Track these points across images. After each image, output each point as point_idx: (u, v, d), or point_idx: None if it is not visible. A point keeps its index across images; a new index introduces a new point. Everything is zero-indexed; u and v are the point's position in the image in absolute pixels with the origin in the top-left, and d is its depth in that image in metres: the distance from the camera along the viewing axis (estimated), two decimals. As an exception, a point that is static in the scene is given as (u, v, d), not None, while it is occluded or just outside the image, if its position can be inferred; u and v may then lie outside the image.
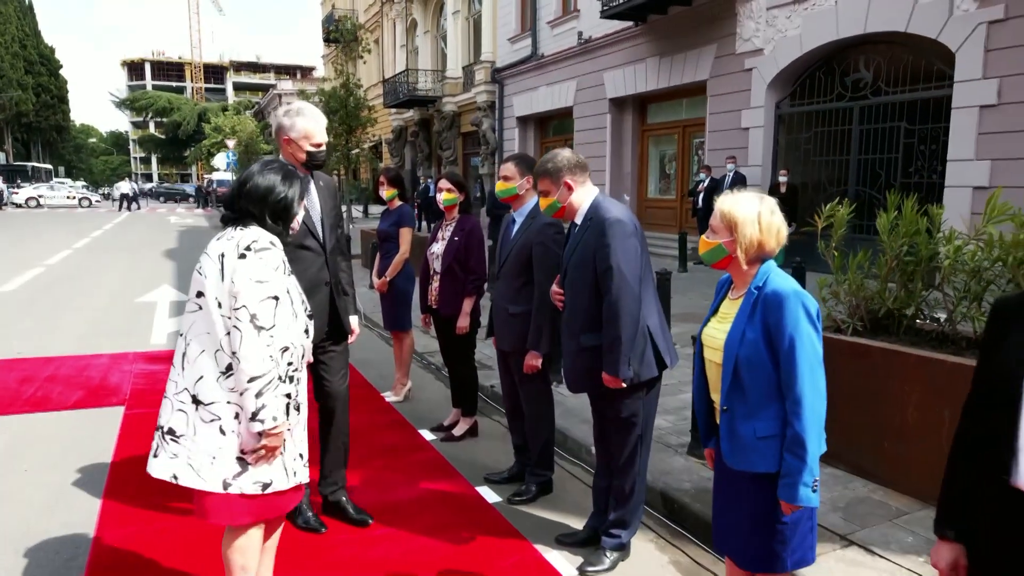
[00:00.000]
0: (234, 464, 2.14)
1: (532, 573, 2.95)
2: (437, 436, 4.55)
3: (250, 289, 2.10)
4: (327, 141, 3.15)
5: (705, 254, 2.17)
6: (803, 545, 2.10)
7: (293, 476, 2.28)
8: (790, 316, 1.97)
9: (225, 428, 2.13)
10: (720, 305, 2.21)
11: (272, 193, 2.26)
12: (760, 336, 2.02)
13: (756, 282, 2.07)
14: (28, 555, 3.02)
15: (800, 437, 1.95)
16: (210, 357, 2.14)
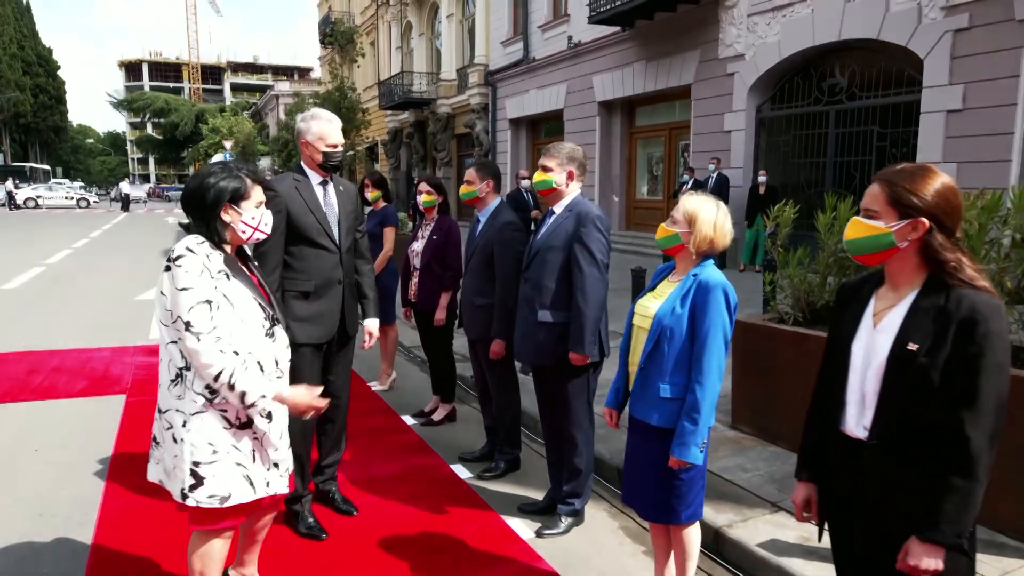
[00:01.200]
0: (188, 476, 2.13)
1: (495, 536, 3.29)
2: (418, 421, 4.89)
3: (178, 299, 2.07)
4: (343, 142, 3.27)
5: (662, 239, 2.53)
6: (695, 502, 2.46)
7: (266, 487, 2.25)
8: (714, 303, 2.34)
9: (177, 436, 2.15)
10: (658, 285, 2.56)
11: (199, 188, 2.20)
12: (686, 314, 2.38)
13: (695, 271, 2.43)
14: (43, 520, 3.36)
15: (698, 404, 2.32)
16: (164, 367, 2.19)
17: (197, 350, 2.06)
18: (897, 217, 1.63)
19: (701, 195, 2.47)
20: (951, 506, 1.55)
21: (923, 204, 1.61)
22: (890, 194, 1.64)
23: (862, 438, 1.70)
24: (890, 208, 1.64)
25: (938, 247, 1.62)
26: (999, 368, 1.54)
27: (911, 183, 1.63)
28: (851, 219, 1.72)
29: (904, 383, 1.61)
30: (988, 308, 1.55)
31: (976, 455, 1.53)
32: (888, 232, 1.63)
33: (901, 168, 1.68)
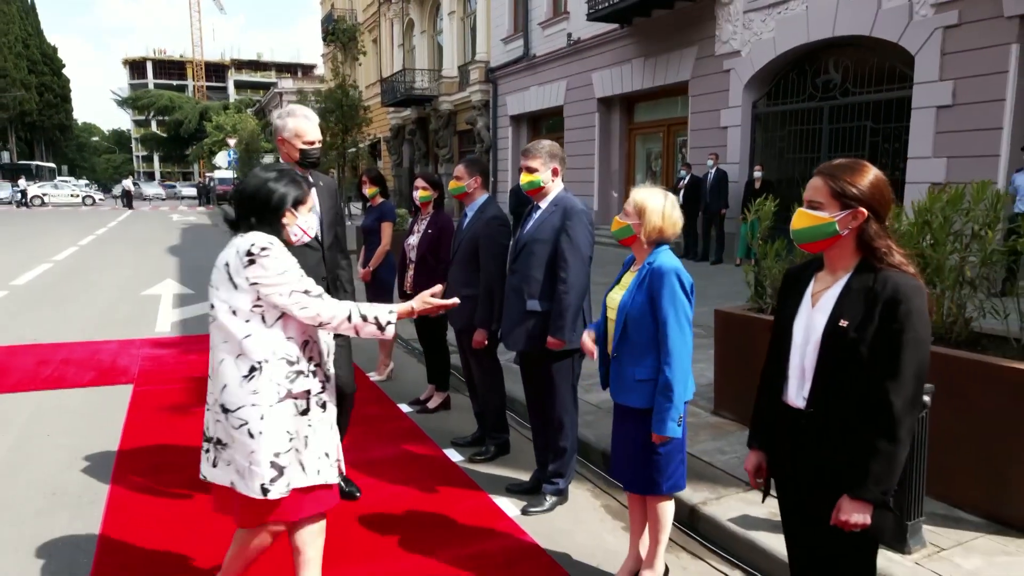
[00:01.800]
0: (268, 469, 2.16)
1: (483, 514, 3.48)
2: (414, 409, 5.08)
3: (283, 280, 2.15)
4: (320, 139, 3.25)
5: (616, 231, 2.70)
6: (675, 474, 2.63)
7: (316, 474, 2.27)
8: (668, 287, 2.51)
9: (253, 431, 2.16)
10: (622, 277, 2.73)
11: (259, 191, 2.25)
12: (646, 300, 2.56)
13: (649, 259, 2.60)
14: (56, 499, 3.55)
15: (669, 382, 2.49)
16: (232, 364, 2.18)
17: (321, 310, 2.19)
18: (839, 208, 1.80)
19: (650, 187, 2.65)
20: (877, 467, 1.72)
21: (861, 195, 1.78)
22: (832, 187, 1.81)
23: (801, 407, 1.87)
24: (832, 200, 1.81)
25: (873, 234, 1.79)
26: (919, 342, 1.70)
27: (850, 176, 1.79)
28: (797, 211, 1.89)
29: (836, 357, 1.78)
30: (910, 289, 1.72)
31: (898, 419, 1.70)
32: (832, 222, 1.80)
33: (839, 163, 1.84)
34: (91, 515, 3.38)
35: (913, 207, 3.57)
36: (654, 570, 2.75)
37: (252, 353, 2.16)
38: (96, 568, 2.91)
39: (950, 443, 3.16)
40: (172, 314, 8.46)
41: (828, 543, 1.87)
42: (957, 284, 3.34)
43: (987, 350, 3.26)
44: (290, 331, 2.23)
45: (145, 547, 3.07)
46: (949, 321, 3.39)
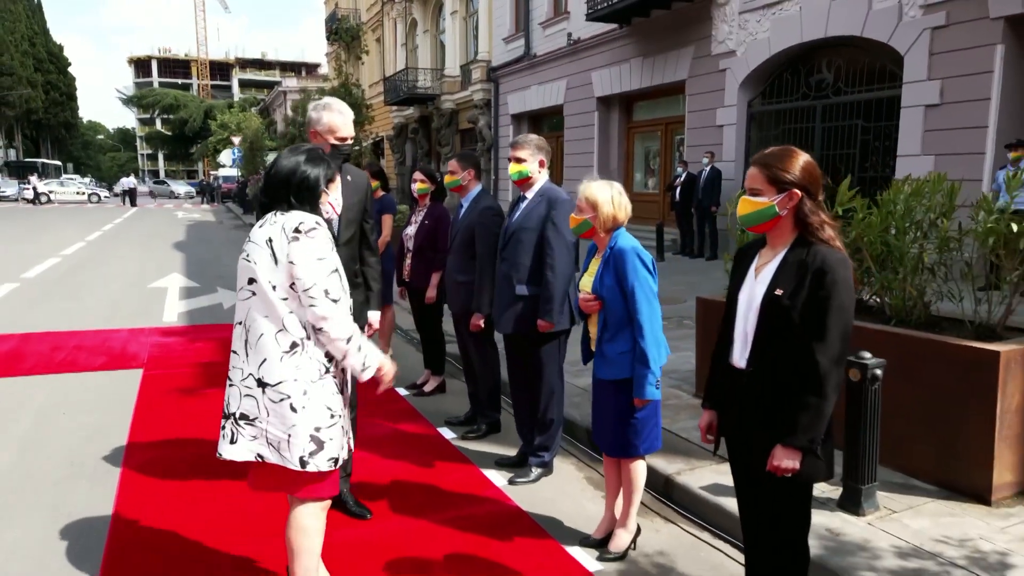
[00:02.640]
0: (308, 442, 2.18)
1: (473, 484, 3.72)
2: (410, 392, 5.32)
3: (315, 268, 2.15)
4: (352, 135, 3.23)
5: (576, 227, 2.95)
6: (651, 436, 2.87)
7: (341, 449, 2.33)
8: (630, 265, 2.75)
9: (296, 405, 2.18)
10: (590, 264, 2.97)
11: (295, 174, 2.26)
12: (614, 282, 2.80)
13: (610, 244, 2.85)
14: (74, 470, 3.80)
15: (644, 351, 2.73)
16: (272, 339, 2.18)
17: (332, 315, 2.16)
18: (776, 192, 2.03)
19: (596, 180, 2.89)
20: (805, 418, 1.95)
21: (794, 178, 2.01)
22: (767, 174, 2.04)
23: (743, 368, 2.11)
24: (769, 185, 2.04)
25: (807, 211, 2.02)
26: (843, 308, 1.94)
27: (782, 163, 2.03)
28: (741, 198, 2.13)
29: (773, 322, 2.01)
30: (836, 261, 1.96)
31: (824, 376, 1.93)
32: (772, 205, 2.04)
33: (771, 151, 2.08)
34: (107, 484, 3.62)
35: (879, 198, 3.80)
36: (627, 529, 2.99)
37: (294, 329, 2.18)
38: (112, 529, 3.16)
39: (907, 417, 3.39)
40: (178, 305, 8.71)
41: (767, 490, 2.10)
42: (916, 270, 3.57)
43: (944, 331, 3.48)
44: None
45: (157, 513, 3.31)
46: (909, 304, 3.62)
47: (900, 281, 3.63)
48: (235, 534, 3.10)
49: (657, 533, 3.21)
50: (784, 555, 2.18)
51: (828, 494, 3.25)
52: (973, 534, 2.87)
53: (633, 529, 3.00)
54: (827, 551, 2.78)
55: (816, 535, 2.90)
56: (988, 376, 3.07)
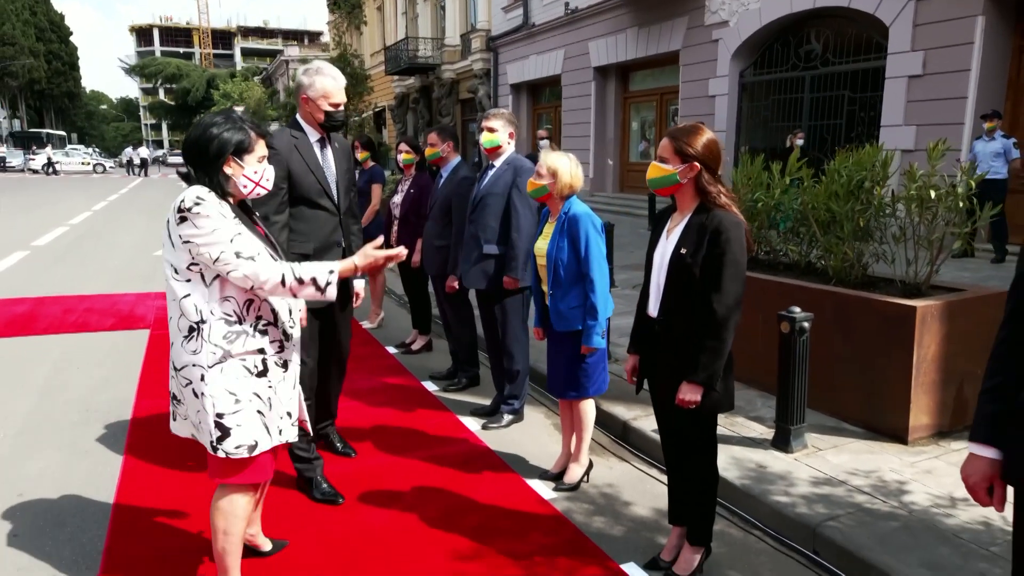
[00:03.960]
0: (214, 428, 2.12)
1: (449, 428, 4.10)
2: (399, 350, 5.69)
3: (213, 239, 2.04)
4: (345, 102, 3.11)
5: (533, 191, 3.27)
6: (599, 379, 3.23)
7: (279, 435, 2.26)
8: (583, 229, 3.08)
9: (197, 390, 2.11)
10: (543, 229, 3.31)
11: (201, 138, 2.14)
12: (567, 244, 3.13)
13: (564, 209, 3.18)
14: (89, 415, 4.20)
15: (594, 305, 3.07)
16: (175, 324, 2.14)
17: (256, 271, 2.07)
18: (680, 162, 2.36)
19: (556, 151, 3.21)
20: (705, 358, 2.30)
21: (696, 153, 2.33)
22: (675, 146, 2.37)
23: (655, 317, 2.45)
24: (675, 156, 2.37)
25: (705, 183, 2.35)
26: (735, 263, 2.27)
27: (688, 138, 2.35)
28: (651, 164, 2.45)
29: (678, 277, 2.35)
30: (730, 223, 2.29)
31: (720, 321, 2.27)
32: (674, 173, 2.36)
33: (682, 127, 2.40)
34: (119, 427, 4.02)
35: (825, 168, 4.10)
36: (580, 463, 3.36)
37: (190, 313, 2.09)
38: (125, 462, 3.55)
39: (841, 367, 3.74)
40: (183, 272, 9.08)
41: (679, 421, 2.46)
42: (854, 235, 3.89)
43: (878, 290, 3.81)
44: (229, 291, 2.12)
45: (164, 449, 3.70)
46: (847, 266, 3.95)
47: (840, 244, 3.95)
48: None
49: (611, 470, 3.58)
50: (696, 476, 2.54)
51: (764, 435, 3.62)
52: (884, 467, 3.23)
53: (585, 463, 3.38)
54: (751, 480, 3.15)
55: (745, 468, 3.28)
56: (907, 329, 3.41)
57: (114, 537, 2.86)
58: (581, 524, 3.01)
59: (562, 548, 2.81)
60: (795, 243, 4.45)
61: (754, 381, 4.29)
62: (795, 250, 4.41)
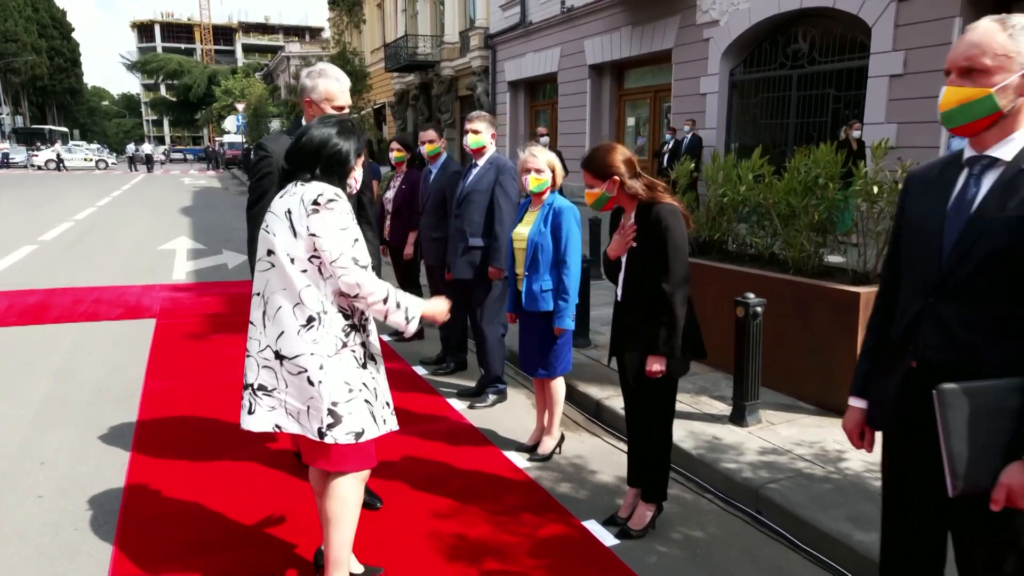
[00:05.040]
0: (326, 415, 2.18)
1: (436, 408, 4.41)
2: (392, 338, 6.01)
3: (339, 238, 2.13)
4: (349, 104, 3.13)
5: (535, 187, 3.56)
6: (566, 360, 3.54)
7: (383, 424, 2.34)
8: (566, 221, 3.41)
9: (312, 379, 2.17)
10: (524, 217, 3.62)
11: (326, 146, 2.23)
12: (548, 232, 3.44)
13: (548, 201, 3.49)
14: (101, 394, 4.52)
15: (567, 290, 3.39)
16: (289, 312, 2.17)
17: (363, 281, 2.15)
18: (602, 182, 2.71)
19: (544, 149, 3.52)
20: (663, 332, 2.61)
21: (609, 169, 2.68)
22: (592, 172, 2.73)
23: (621, 301, 2.77)
24: (596, 179, 2.73)
25: (629, 186, 2.69)
26: (677, 247, 2.59)
27: (597, 162, 2.72)
28: (585, 191, 2.77)
29: (634, 266, 2.67)
30: (667, 212, 2.61)
31: (670, 299, 2.59)
32: (603, 192, 2.72)
33: (589, 155, 2.77)
34: (130, 406, 4.34)
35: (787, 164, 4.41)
36: (552, 436, 3.68)
37: (310, 303, 2.16)
38: (136, 436, 3.87)
39: (797, 350, 4.05)
40: (187, 265, 9.41)
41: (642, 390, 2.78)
42: (810, 227, 4.19)
43: (832, 278, 4.11)
44: None
45: (172, 427, 4.03)
46: (804, 256, 4.25)
47: (798, 237, 4.25)
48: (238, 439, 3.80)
49: (582, 443, 3.89)
50: (653, 440, 2.86)
51: (723, 412, 3.93)
52: (828, 439, 3.54)
53: (557, 436, 3.69)
54: (705, 450, 3.46)
55: (702, 440, 3.60)
56: (853, 314, 3.72)
57: (129, 498, 3.18)
58: (550, 489, 3.33)
59: (531, 508, 3.13)
60: (759, 235, 4.75)
61: (721, 365, 4.59)
62: (759, 242, 4.71)
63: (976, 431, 1.47)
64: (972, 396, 1.47)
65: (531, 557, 2.75)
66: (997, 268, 1.50)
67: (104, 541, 2.84)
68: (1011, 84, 1.49)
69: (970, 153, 1.61)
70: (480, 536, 2.90)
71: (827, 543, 2.72)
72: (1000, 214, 1.50)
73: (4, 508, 3.10)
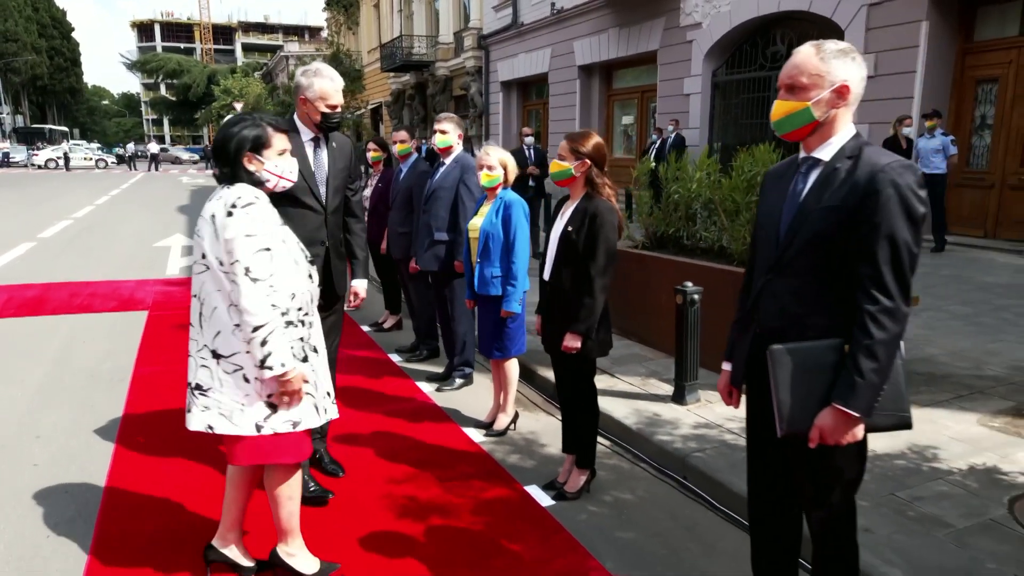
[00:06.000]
0: (263, 407, 2.23)
1: (406, 391, 4.73)
2: (372, 328, 6.33)
3: (242, 244, 2.14)
4: (343, 103, 3.16)
5: (487, 182, 3.87)
6: (519, 342, 3.86)
7: (324, 413, 2.40)
8: (516, 213, 3.72)
9: (248, 376, 2.23)
10: (479, 209, 3.94)
11: (227, 142, 2.27)
12: (500, 223, 3.76)
13: (501, 195, 3.81)
14: (93, 380, 4.85)
15: (515, 275, 3.71)
16: (224, 312, 2.21)
17: (249, 295, 2.14)
18: (574, 159, 2.98)
19: (497, 148, 3.83)
20: (583, 313, 2.93)
21: (586, 152, 2.96)
22: (570, 147, 2.99)
23: (547, 281, 3.09)
24: (571, 155, 2.99)
25: (594, 176, 2.97)
26: (607, 239, 2.91)
27: (580, 141, 2.98)
28: (553, 161, 3.06)
29: (565, 249, 2.99)
30: (605, 209, 2.92)
31: (594, 284, 2.90)
32: (569, 168, 2.99)
33: (576, 132, 3.03)
34: (119, 390, 4.65)
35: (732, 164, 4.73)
36: (506, 413, 4.00)
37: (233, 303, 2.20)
38: (124, 420, 4.19)
39: (736, 336, 4.36)
40: (180, 261, 9.73)
41: (566, 365, 3.10)
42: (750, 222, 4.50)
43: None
44: (279, 282, 2.24)
45: (159, 414, 4.35)
46: (746, 249, 4.56)
47: (742, 230, 4.57)
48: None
49: (537, 421, 4.21)
50: (582, 412, 3.18)
51: (668, 393, 4.25)
52: (758, 415, 3.86)
53: (511, 414, 4.01)
54: (644, 425, 3.79)
55: (643, 416, 3.92)
56: (784, 301, 4.03)
57: (115, 466, 3.50)
58: (500, 460, 3.65)
59: (480, 475, 3.45)
60: (710, 230, 5.07)
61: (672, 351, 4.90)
62: (708, 236, 5.03)
63: (798, 383, 1.79)
64: (795, 355, 1.80)
65: (473, 515, 3.07)
66: (816, 250, 1.82)
67: (93, 502, 3.16)
68: (823, 98, 1.82)
69: (803, 155, 1.93)
70: (430, 497, 3.22)
71: (738, 502, 3.03)
72: (818, 205, 1.82)
73: (3, 474, 3.43)
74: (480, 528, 2.97)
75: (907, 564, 2.50)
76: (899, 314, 1.70)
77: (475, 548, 2.81)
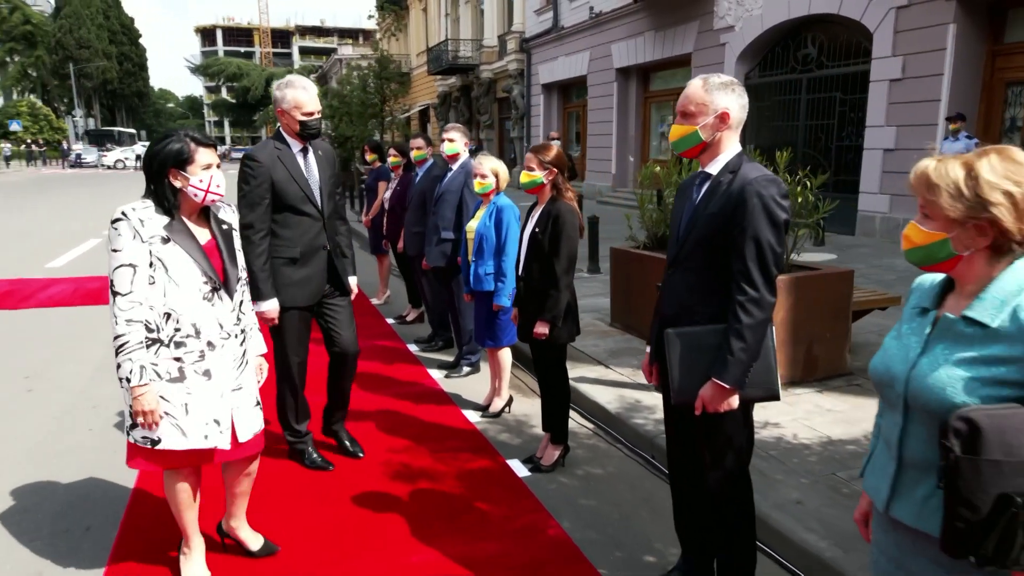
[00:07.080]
0: (128, 416, 2.32)
1: (417, 377, 5.19)
2: (396, 321, 6.83)
3: (109, 257, 2.24)
4: (319, 110, 3.24)
5: (480, 189, 4.29)
6: (510, 332, 4.26)
7: (204, 439, 2.36)
8: (507, 217, 4.13)
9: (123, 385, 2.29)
10: (476, 213, 4.36)
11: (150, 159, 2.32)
12: (492, 225, 4.18)
13: (494, 200, 4.23)
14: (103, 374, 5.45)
15: (505, 272, 4.11)
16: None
17: (111, 307, 2.23)
18: (542, 169, 3.38)
19: (490, 157, 4.24)
20: (550, 303, 3.32)
21: (551, 161, 3.36)
22: (537, 159, 3.39)
23: (521, 276, 3.49)
24: (539, 166, 3.39)
25: (559, 182, 3.37)
26: (569, 239, 3.29)
27: (543, 153, 3.37)
28: (522, 173, 3.47)
29: (533, 249, 3.39)
30: (566, 211, 3.31)
31: (559, 278, 3.29)
32: (540, 177, 3.39)
33: (538, 145, 3.42)
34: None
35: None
36: (501, 397, 4.41)
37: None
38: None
39: (719, 331, 4.67)
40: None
41: (538, 351, 3.50)
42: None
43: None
44: (152, 301, 2.26)
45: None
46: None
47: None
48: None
49: (531, 406, 4.61)
50: (553, 393, 3.57)
51: (652, 382, 4.59)
52: (730, 403, 4.17)
53: (506, 398, 4.42)
54: (624, 410, 4.14)
55: (625, 402, 4.28)
56: (759, 298, 4.32)
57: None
58: (491, 438, 4.06)
59: (468, 450, 3.87)
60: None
61: (667, 345, 5.24)
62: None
63: (686, 361, 2.16)
64: (683, 338, 2.17)
65: (456, 481, 3.50)
66: (703, 249, 2.18)
67: (136, 461, 3.71)
68: (709, 123, 2.18)
69: (701, 169, 2.29)
70: (421, 466, 3.66)
71: (692, 477, 3.38)
72: (705, 211, 2.18)
73: (65, 434, 4.03)
74: (459, 492, 3.39)
75: (825, 531, 2.82)
76: (764, 303, 2.05)
77: (451, 507, 3.24)
